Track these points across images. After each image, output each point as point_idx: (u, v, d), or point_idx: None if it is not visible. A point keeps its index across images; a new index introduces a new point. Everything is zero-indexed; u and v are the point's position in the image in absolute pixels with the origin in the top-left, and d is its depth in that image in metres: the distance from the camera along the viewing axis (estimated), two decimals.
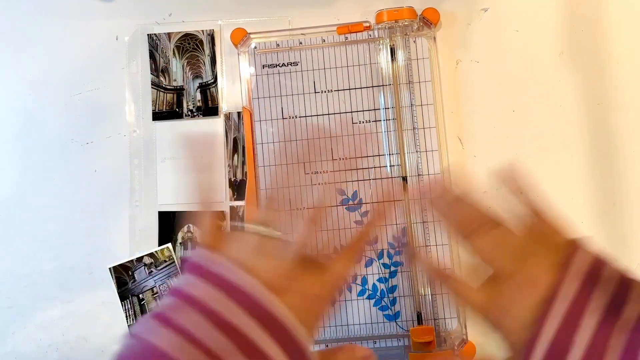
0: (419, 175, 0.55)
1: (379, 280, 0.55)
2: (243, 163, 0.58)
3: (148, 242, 0.57)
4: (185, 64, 0.59)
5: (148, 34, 0.59)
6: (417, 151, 0.55)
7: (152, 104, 0.59)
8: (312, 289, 0.32)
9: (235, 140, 0.58)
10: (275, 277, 0.30)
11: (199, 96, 0.59)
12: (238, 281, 0.29)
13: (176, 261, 0.57)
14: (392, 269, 0.55)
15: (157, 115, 0.59)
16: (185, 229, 0.57)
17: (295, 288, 0.31)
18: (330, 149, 0.56)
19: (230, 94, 0.59)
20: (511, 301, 0.31)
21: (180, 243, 0.57)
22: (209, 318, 0.27)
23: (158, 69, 0.59)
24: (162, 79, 0.59)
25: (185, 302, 0.28)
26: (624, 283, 0.29)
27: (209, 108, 0.58)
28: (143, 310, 0.56)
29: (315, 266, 0.33)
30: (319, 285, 0.32)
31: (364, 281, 0.55)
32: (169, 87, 0.59)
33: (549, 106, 0.57)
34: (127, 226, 0.58)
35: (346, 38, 0.57)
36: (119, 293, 0.57)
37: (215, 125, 0.58)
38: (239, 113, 0.58)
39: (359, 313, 0.54)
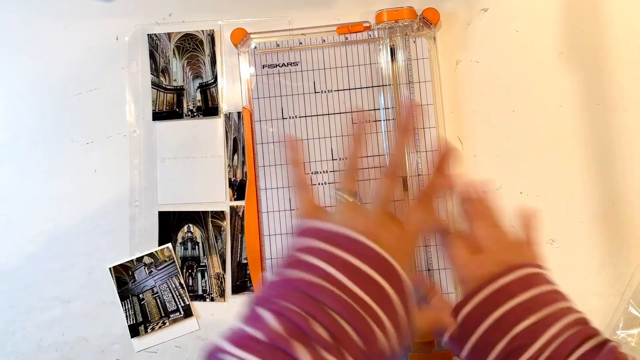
0: (418, 175, 0.55)
1: None
2: (243, 163, 0.58)
3: (148, 242, 0.57)
4: (185, 64, 0.59)
5: (148, 34, 0.59)
6: (417, 151, 0.55)
7: (152, 104, 0.59)
8: (399, 234, 0.40)
9: (235, 140, 0.58)
10: (368, 228, 0.38)
11: (199, 96, 0.59)
12: (343, 233, 0.38)
13: (176, 261, 0.57)
14: None
15: (157, 115, 0.59)
16: (185, 229, 0.57)
17: (385, 235, 0.39)
18: (330, 149, 0.56)
19: (230, 94, 0.59)
20: (483, 265, 0.45)
21: (180, 243, 0.57)
22: (332, 260, 0.37)
23: (158, 69, 0.59)
24: (162, 79, 0.59)
25: (310, 252, 0.38)
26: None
27: (209, 108, 0.58)
28: (143, 310, 0.56)
29: (396, 220, 0.41)
30: (404, 231, 0.41)
31: None
32: (169, 87, 0.59)
33: (549, 106, 0.57)
34: (127, 226, 0.58)
35: (346, 38, 0.56)
36: (119, 293, 0.57)
37: (215, 125, 0.58)
38: (239, 113, 0.58)
39: None
